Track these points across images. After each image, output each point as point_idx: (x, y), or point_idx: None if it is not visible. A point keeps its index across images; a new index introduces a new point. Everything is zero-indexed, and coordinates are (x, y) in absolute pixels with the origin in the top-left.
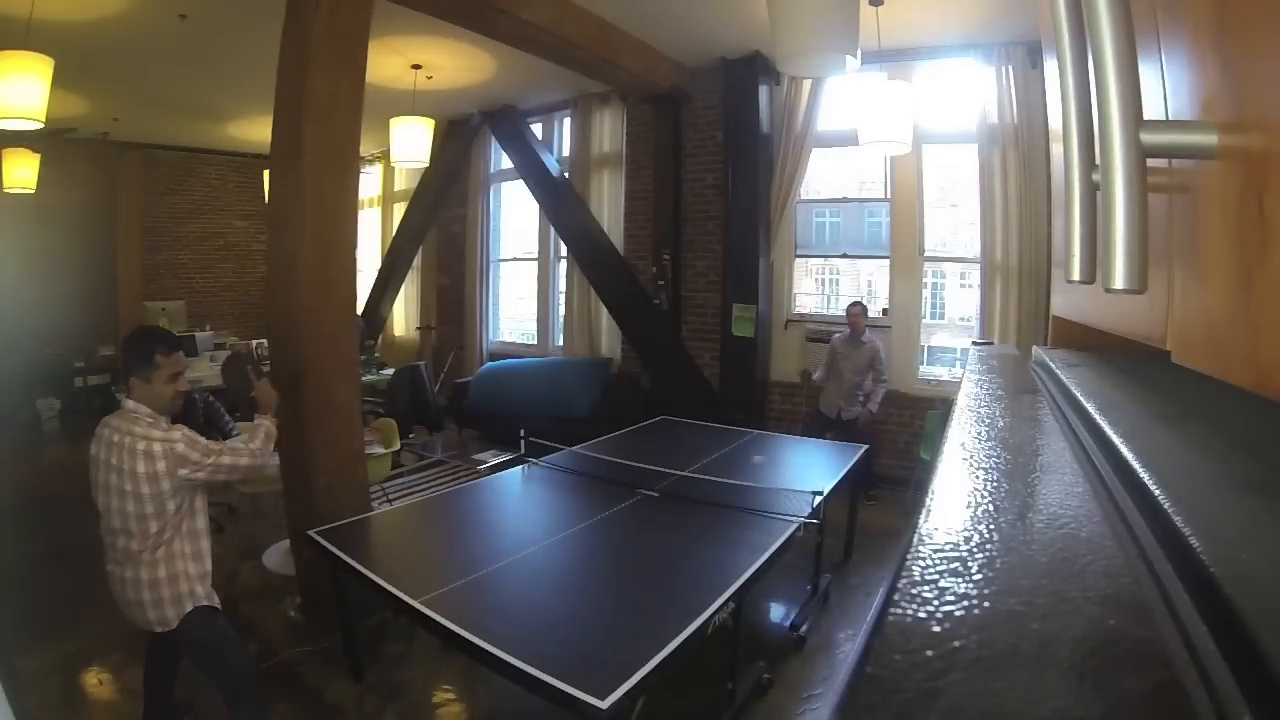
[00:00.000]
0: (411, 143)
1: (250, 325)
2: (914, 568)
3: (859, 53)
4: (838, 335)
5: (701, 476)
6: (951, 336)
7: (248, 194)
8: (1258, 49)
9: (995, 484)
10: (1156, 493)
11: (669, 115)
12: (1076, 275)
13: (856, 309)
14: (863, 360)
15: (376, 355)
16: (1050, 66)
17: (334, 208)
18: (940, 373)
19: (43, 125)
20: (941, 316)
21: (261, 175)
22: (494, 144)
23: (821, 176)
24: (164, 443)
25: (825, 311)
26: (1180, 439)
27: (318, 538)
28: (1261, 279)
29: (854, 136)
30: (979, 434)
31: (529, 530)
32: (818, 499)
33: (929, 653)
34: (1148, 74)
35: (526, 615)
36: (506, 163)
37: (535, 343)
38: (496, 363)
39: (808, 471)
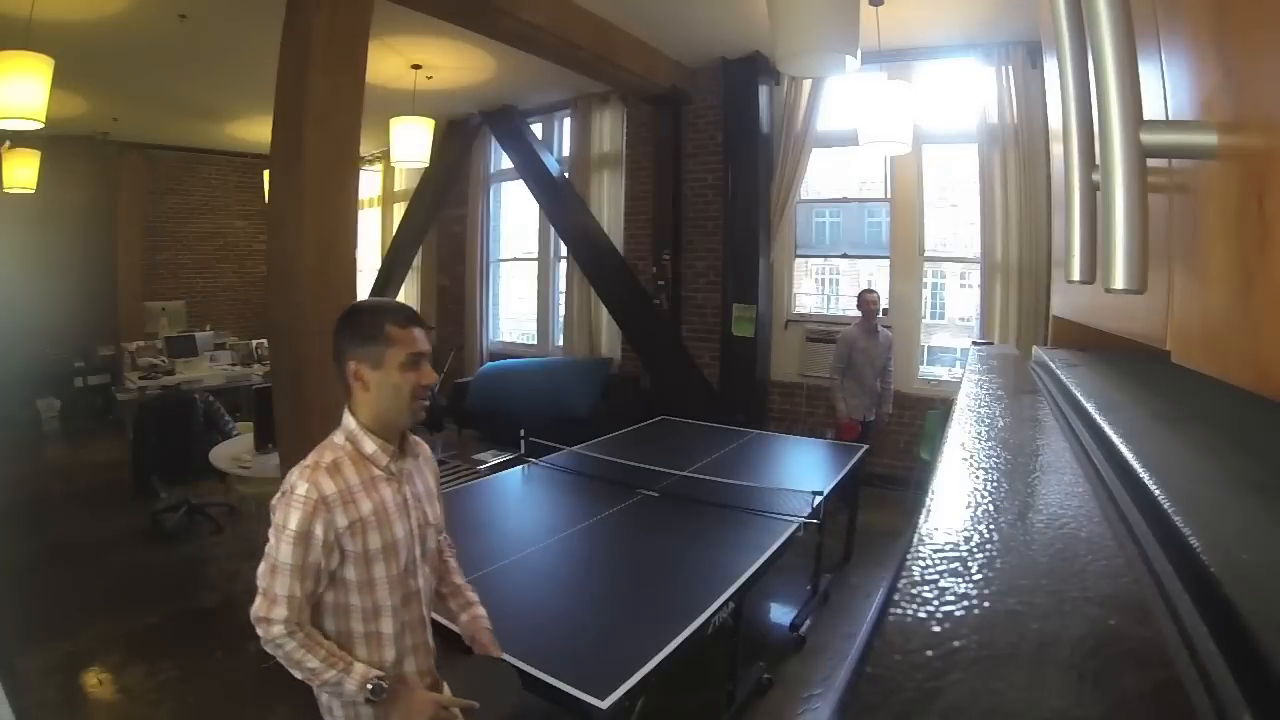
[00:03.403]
0: (411, 143)
1: (250, 325)
2: (914, 568)
3: (859, 53)
4: (850, 329)
5: (701, 476)
6: (951, 336)
7: (248, 194)
8: (1258, 49)
9: (995, 484)
10: (1156, 493)
11: (669, 115)
12: (1076, 275)
13: (872, 295)
14: (880, 353)
15: None
16: (1050, 66)
17: (334, 208)
18: (940, 373)
19: (43, 125)
20: (941, 316)
21: (261, 175)
22: (494, 144)
23: (821, 176)
24: (285, 486)
25: (825, 311)
26: (1180, 439)
27: None
28: (1261, 279)
29: (854, 136)
30: (979, 434)
31: (529, 530)
32: (817, 499)
33: (929, 653)
34: (1148, 74)
35: (526, 615)
36: (506, 163)
37: (535, 343)
38: (496, 363)
39: (807, 471)
